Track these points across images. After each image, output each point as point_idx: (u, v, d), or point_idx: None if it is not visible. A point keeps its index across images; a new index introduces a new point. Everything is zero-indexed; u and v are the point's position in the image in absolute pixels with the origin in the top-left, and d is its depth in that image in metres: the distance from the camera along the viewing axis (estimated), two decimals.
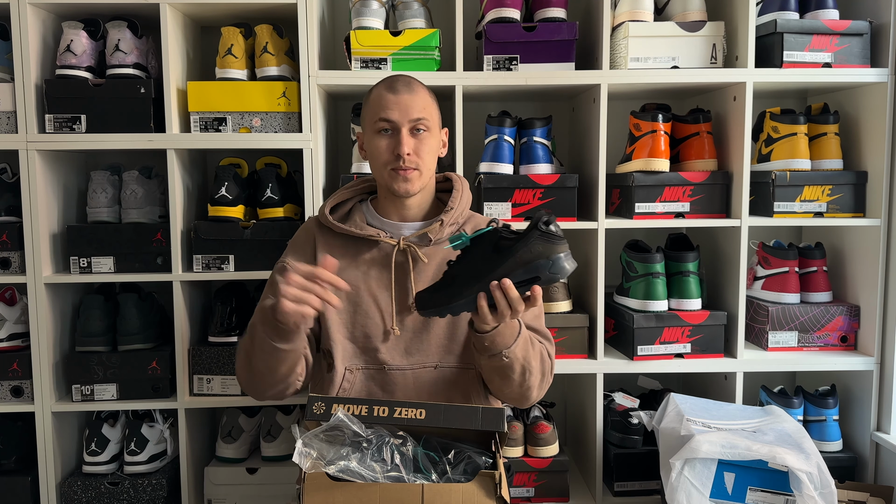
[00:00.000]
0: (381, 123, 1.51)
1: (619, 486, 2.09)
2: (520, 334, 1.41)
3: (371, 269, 1.55)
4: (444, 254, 1.55)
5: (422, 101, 1.52)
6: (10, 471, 2.04)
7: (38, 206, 1.96)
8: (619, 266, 2.19)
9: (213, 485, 2.09)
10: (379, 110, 1.51)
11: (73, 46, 1.97)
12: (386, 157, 1.51)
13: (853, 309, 2.13)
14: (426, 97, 1.54)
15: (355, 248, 1.56)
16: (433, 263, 1.55)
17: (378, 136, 1.52)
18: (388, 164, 1.52)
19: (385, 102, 1.51)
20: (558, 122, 2.35)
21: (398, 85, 1.52)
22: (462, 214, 1.61)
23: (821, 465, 1.69)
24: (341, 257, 1.54)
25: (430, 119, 1.53)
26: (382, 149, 1.52)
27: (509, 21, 2.02)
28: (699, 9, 2.06)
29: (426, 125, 1.52)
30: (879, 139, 2.04)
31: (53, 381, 2.02)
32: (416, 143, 1.51)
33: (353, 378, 1.52)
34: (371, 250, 1.56)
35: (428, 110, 1.53)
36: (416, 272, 1.54)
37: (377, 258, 1.56)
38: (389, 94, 1.51)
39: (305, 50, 1.96)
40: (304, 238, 1.61)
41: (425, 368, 1.53)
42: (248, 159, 2.17)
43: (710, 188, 2.06)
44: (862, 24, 2.01)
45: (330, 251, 1.55)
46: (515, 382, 1.45)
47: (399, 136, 1.50)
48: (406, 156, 1.49)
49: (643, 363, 2.06)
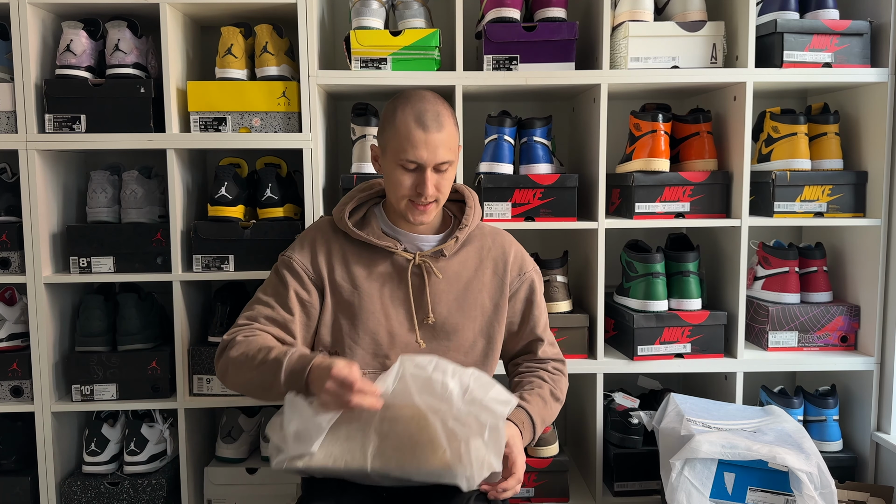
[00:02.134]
0: (408, 163, 1.47)
1: (619, 486, 2.09)
2: (533, 424, 1.50)
3: (387, 281, 1.55)
4: (455, 268, 1.57)
5: (450, 139, 1.48)
6: (9, 471, 2.04)
7: (37, 206, 1.96)
8: (619, 266, 2.19)
9: (213, 485, 2.09)
10: (407, 147, 1.45)
11: (73, 46, 1.97)
12: (407, 192, 1.49)
13: (853, 309, 2.13)
14: (453, 130, 1.50)
15: (370, 257, 1.56)
16: (445, 278, 1.56)
17: (400, 170, 1.48)
18: (408, 197, 1.50)
19: (414, 140, 1.45)
20: (558, 122, 2.35)
21: (428, 120, 1.45)
22: (474, 227, 1.62)
23: (821, 465, 1.69)
24: (356, 263, 1.55)
25: (453, 153, 1.51)
26: (405, 184, 1.48)
27: (509, 21, 2.02)
28: (699, 9, 2.05)
29: (451, 161, 1.49)
30: (879, 139, 2.04)
31: (53, 381, 2.02)
32: (438, 179, 1.49)
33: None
34: (386, 261, 1.56)
35: (453, 146, 1.50)
36: (431, 286, 1.55)
37: (392, 270, 1.56)
38: (419, 132, 1.44)
39: (305, 50, 1.96)
40: (315, 237, 1.59)
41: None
42: (247, 159, 2.17)
43: (710, 188, 2.06)
44: (862, 24, 2.01)
45: (344, 256, 1.55)
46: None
47: (424, 175, 1.47)
48: (430, 194, 1.48)
49: (643, 363, 2.06)
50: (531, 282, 1.64)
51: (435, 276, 1.54)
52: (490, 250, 1.61)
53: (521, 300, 1.63)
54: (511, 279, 1.61)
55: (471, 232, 1.61)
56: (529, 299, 1.63)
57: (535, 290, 1.64)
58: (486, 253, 1.61)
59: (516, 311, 1.63)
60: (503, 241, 1.64)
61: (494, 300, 1.59)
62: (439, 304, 1.56)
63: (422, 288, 1.55)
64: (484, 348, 1.59)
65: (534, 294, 1.64)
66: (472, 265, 1.59)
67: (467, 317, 1.57)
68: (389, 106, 1.52)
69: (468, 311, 1.57)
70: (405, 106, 1.48)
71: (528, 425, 1.48)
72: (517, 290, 1.62)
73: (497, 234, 1.66)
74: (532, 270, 1.65)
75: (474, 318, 1.58)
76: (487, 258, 1.60)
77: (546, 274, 2.09)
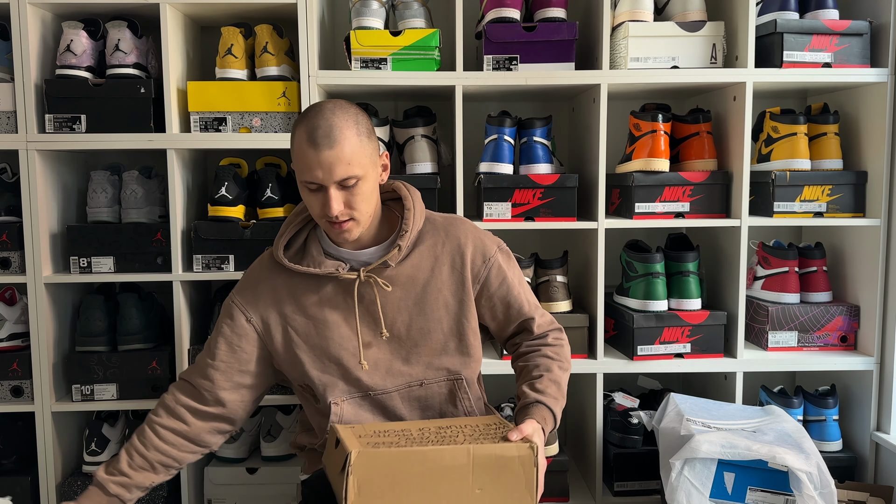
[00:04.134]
0: (308, 184, 1.39)
1: (619, 486, 2.09)
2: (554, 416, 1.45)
3: (335, 305, 1.49)
4: (408, 273, 1.50)
5: (347, 155, 1.37)
6: (10, 470, 2.05)
7: (38, 206, 1.96)
8: (619, 266, 2.19)
9: (213, 485, 2.09)
10: (303, 168, 1.38)
11: (73, 46, 1.97)
12: (319, 211, 1.42)
13: (853, 309, 2.13)
14: (353, 144, 1.37)
15: (316, 284, 1.50)
16: (397, 286, 1.49)
17: (306, 191, 1.41)
18: (322, 217, 1.43)
19: (307, 161, 1.37)
20: (558, 122, 2.35)
21: (319, 138, 1.36)
22: (417, 230, 1.52)
23: (821, 464, 1.69)
24: (304, 293, 1.50)
25: (360, 167, 1.39)
26: (314, 204, 1.41)
27: (509, 21, 2.02)
28: (699, 9, 2.06)
29: (356, 176, 1.38)
30: (879, 139, 2.04)
31: (53, 381, 2.02)
32: (347, 196, 1.40)
33: (340, 410, 1.48)
34: (330, 284, 1.50)
35: (355, 160, 1.38)
36: (383, 299, 1.49)
37: (339, 292, 1.50)
38: (311, 151, 1.36)
39: (305, 50, 1.96)
40: (259, 277, 1.54)
41: (411, 388, 1.51)
42: (248, 159, 2.17)
43: (709, 188, 2.07)
44: (862, 24, 2.01)
45: (291, 288, 1.50)
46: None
47: (327, 194, 1.38)
48: (337, 214, 1.39)
49: (643, 363, 2.06)
50: (498, 265, 1.54)
51: (383, 287, 1.47)
52: (444, 245, 1.52)
53: (495, 287, 1.54)
54: (475, 270, 1.52)
55: (420, 231, 1.52)
56: (503, 282, 1.54)
57: (505, 271, 1.54)
58: (440, 249, 1.52)
59: (494, 299, 1.54)
60: (458, 233, 1.54)
61: (458, 296, 1.51)
62: (398, 313, 1.49)
63: (374, 303, 1.48)
64: (457, 347, 1.52)
65: (505, 275, 1.54)
66: (426, 266, 1.50)
67: (431, 319, 1.50)
68: (294, 124, 1.45)
69: (431, 313, 1.50)
70: (299, 123, 1.40)
71: (549, 419, 1.43)
72: (487, 279, 1.53)
73: (451, 226, 1.55)
74: (496, 253, 1.54)
75: (439, 318, 1.50)
76: (443, 254, 1.51)
77: (546, 274, 2.10)
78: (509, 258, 1.58)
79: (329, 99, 1.50)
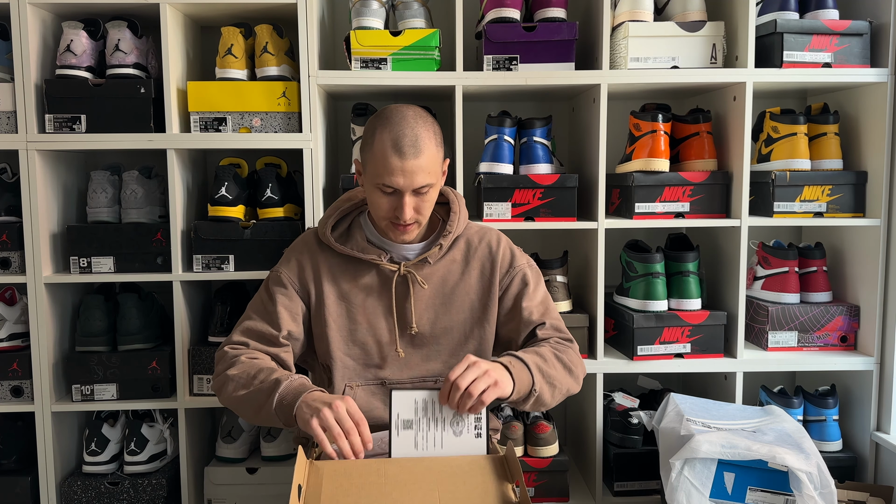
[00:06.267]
0: (385, 187, 1.44)
1: (619, 486, 2.09)
2: (530, 370, 1.43)
3: (371, 292, 1.56)
4: (441, 274, 1.57)
5: (428, 164, 1.43)
6: (10, 471, 2.05)
7: (38, 206, 1.96)
8: (619, 266, 2.19)
9: (213, 485, 2.09)
10: (383, 173, 1.42)
11: (73, 46, 1.97)
12: (386, 213, 1.48)
13: (853, 309, 2.13)
14: (433, 153, 1.44)
15: (355, 268, 1.56)
16: (431, 286, 1.56)
17: (378, 192, 1.46)
18: (388, 218, 1.49)
19: (390, 167, 1.41)
20: (558, 122, 2.35)
21: (405, 146, 1.41)
22: (458, 233, 1.60)
23: (821, 465, 1.69)
24: (342, 275, 1.56)
25: (434, 176, 1.46)
26: (383, 206, 1.47)
27: (509, 21, 2.02)
28: (699, 9, 2.06)
29: (431, 184, 1.46)
30: (879, 139, 2.04)
31: (53, 380, 2.02)
32: (418, 202, 1.47)
33: (353, 394, 1.53)
34: (371, 272, 1.56)
35: (433, 170, 1.45)
36: (415, 295, 1.55)
37: (377, 281, 1.56)
38: (395, 159, 1.41)
39: (305, 50, 1.96)
40: (302, 251, 1.60)
41: (425, 382, 1.56)
42: (248, 159, 2.17)
43: (709, 188, 2.07)
44: (862, 24, 2.01)
45: (331, 269, 1.56)
46: (555, 398, 1.51)
47: (402, 199, 1.45)
48: (408, 219, 1.46)
49: (643, 363, 2.06)
50: (523, 275, 1.60)
51: (419, 285, 1.54)
52: (476, 251, 1.60)
53: (512, 295, 1.60)
54: (500, 277, 1.59)
55: (457, 234, 1.59)
56: (521, 291, 1.59)
57: (527, 282, 1.60)
58: (472, 254, 1.60)
59: (507, 305, 1.60)
60: (490, 241, 1.62)
61: (483, 301, 1.59)
62: (426, 310, 1.56)
63: (406, 297, 1.55)
64: (476, 349, 1.58)
65: (526, 286, 1.59)
66: (458, 268, 1.58)
67: (455, 320, 1.57)
68: (370, 125, 1.48)
69: (455, 314, 1.57)
70: (384, 129, 1.44)
71: (517, 363, 1.42)
72: (508, 286, 1.60)
73: (484, 234, 1.63)
74: (525, 265, 1.61)
75: (463, 321, 1.58)
76: (474, 259, 1.59)
77: (546, 274, 2.10)
78: (537, 275, 1.64)
79: (404, 104, 1.53)
